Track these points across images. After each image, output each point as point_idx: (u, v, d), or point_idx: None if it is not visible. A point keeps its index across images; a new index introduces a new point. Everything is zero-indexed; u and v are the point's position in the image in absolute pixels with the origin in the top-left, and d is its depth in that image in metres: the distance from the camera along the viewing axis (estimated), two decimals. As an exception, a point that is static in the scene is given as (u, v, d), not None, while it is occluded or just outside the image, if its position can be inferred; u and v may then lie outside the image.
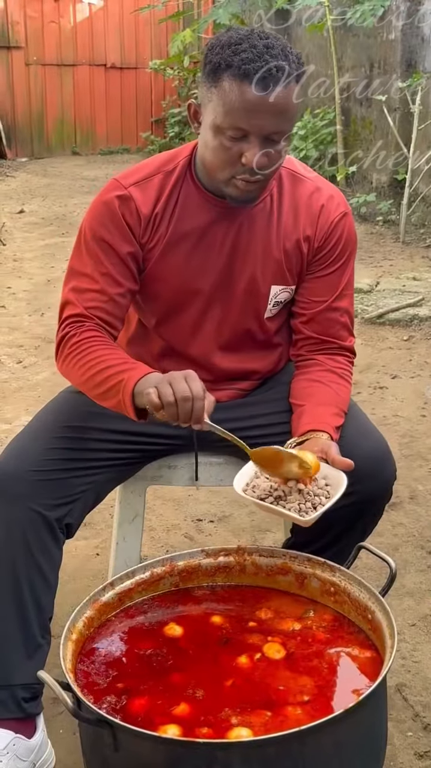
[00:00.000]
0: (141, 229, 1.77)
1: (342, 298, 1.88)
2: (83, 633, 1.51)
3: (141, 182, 1.78)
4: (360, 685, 1.42)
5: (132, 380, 1.60)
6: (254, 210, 1.79)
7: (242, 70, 1.57)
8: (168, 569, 1.67)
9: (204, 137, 1.68)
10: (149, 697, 1.41)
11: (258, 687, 1.43)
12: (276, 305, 1.88)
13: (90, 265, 1.78)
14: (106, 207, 1.78)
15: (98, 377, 1.67)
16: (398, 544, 2.55)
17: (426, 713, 1.89)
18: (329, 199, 1.84)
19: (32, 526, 1.67)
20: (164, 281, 1.82)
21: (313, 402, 1.79)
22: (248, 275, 1.82)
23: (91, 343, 1.72)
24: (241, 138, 1.62)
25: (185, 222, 1.78)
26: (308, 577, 1.64)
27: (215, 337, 1.88)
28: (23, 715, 1.68)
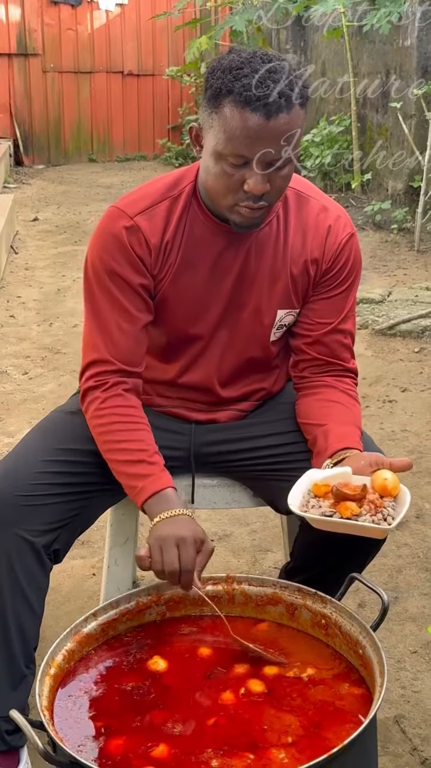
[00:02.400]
0: (152, 260, 1.73)
1: (346, 320, 1.84)
2: (62, 667, 1.46)
3: (147, 211, 1.72)
4: (348, 725, 1.36)
5: (142, 497, 1.63)
6: (261, 234, 1.75)
7: (243, 97, 1.52)
8: (154, 598, 1.62)
9: (206, 162, 1.64)
10: (127, 737, 1.35)
11: (242, 726, 1.37)
12: (280, 328, 1.84)
13: (106, 303, 1.74)
14: (115, 239, 1.72)
15: (116, 466, 1.69)
16: (402, 565, 2.48)
17: (424, 747, 1.82)
18: (336, 220, 1.80)
19: (19, 553, 1.63)
20: (172, 309, 1.78)
21: (336, 422, 1.74)
22: (255, 301, 1.79)
23: (114, 419, 1.70)
24: (243, 165, 1.58)
25: (194, 250, 1.74)
26: (299, 608, 1.59)
27: (218, 363, 1.84)
28: (6, 747, 1.64)
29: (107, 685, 1.47)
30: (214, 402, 1.87)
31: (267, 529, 2.68)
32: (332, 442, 1.70)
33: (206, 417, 1.86)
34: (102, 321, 1.73)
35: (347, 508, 1.52)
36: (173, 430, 1.84)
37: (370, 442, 1.82)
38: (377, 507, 1.52)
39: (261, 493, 1.90)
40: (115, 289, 1.72)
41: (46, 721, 1.30)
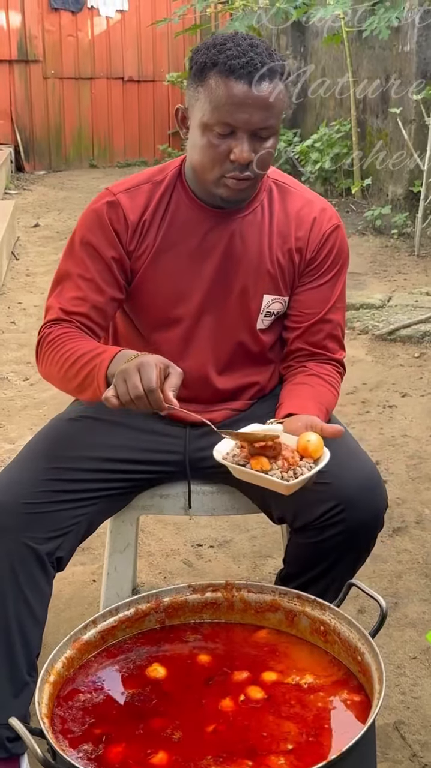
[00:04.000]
0: (128, 235, 1.77)
1: (333, 311, 1.87)
2: (62, 674, 1.47)
3: (130, 190, 1.79)
4: (347, 731, 1.36)
5: (102, 368, 1.59)
6: (245, 219, 1.79)
7: (227, 66, 1.60)
8: (153, 605, 1.62)
9: (193, 138, 1.69)
10: (126, 744, 1.35)
11: (241, 733, 1.37)
12: (269, 316, 1.86)
13: (75, 271, 1.78)
14: (95, 213, 1.79)
15: (72, 370, 1.65)
16: (402, 571, 2.49)
17: (424, 753, 1.82)
18: (321, 212, 1.84)
19: (22, 560, 1.64)
20: (155, 290, 1.81)
21: (296, 397, 1.76)
22: (241, 283, 1.81)
23: (64, 338, 1.72)
24: (229, 134, 1.64)
25: (176, 230, 1.78)
26: (298, 615, 1.59)
27: (207, 349, 1.85)
28: (7, 755, 1.65)
29: (107, 692, 1.47)
30: (209, 397, 1.88)
31: (267, 536, 2.68)
32: (282, 410, 1.73)
33: (208, 417, 1.86)
34: (67, 287, 1.77)
35: (258, 462, 1.54)
36: (168, 434, 1.85)
37: (352, 444, 1.81)
38: (290, 464, 1.54)
39: (255, 499, 1.90)
40: (87, 260, 1.77)
41: (45, 729, 1.30)
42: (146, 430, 1.82)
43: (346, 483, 1.67)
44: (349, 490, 1.67)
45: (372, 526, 1.74)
